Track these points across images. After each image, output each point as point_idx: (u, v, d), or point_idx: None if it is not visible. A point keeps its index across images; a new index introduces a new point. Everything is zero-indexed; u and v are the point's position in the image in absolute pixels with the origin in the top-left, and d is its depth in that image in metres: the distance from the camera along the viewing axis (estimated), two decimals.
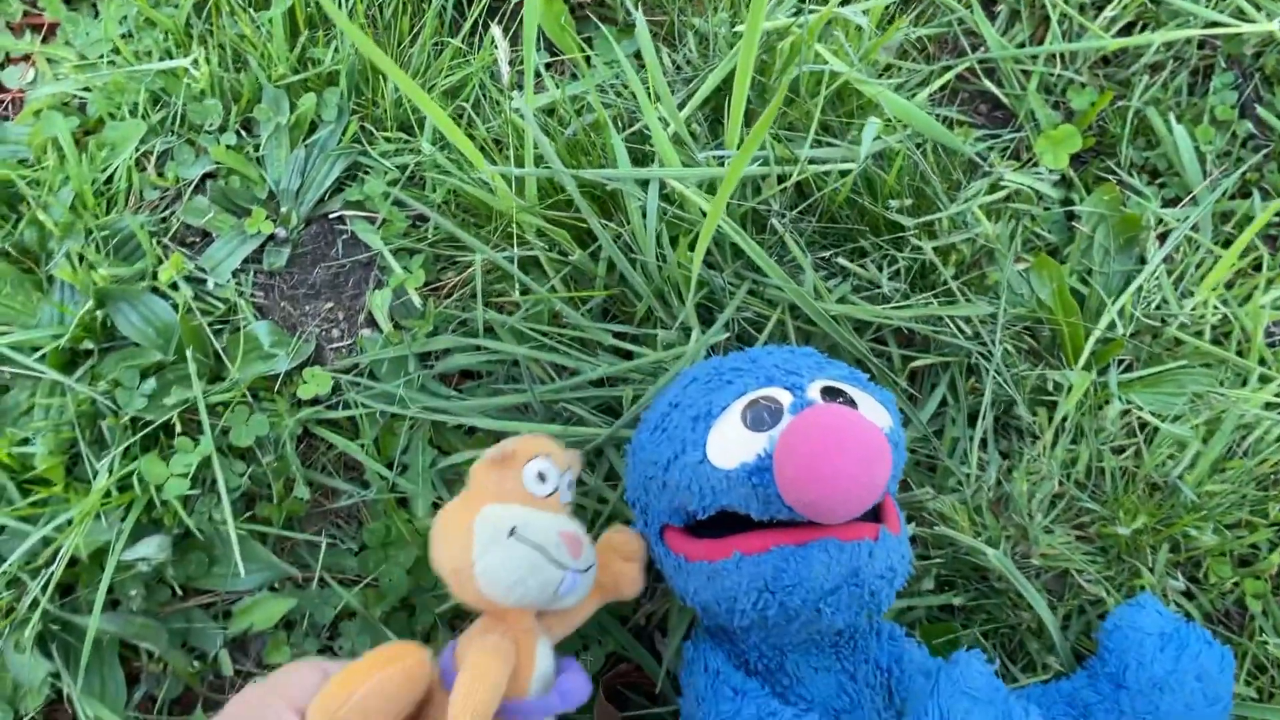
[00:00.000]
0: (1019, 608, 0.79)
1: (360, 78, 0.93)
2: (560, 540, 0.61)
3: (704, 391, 0.65)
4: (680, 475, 0.63)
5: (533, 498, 0.63)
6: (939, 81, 0.95)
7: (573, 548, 0.61)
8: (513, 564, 0.59)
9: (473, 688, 0.54)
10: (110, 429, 0.79)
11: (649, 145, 0.87)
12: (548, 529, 0.61)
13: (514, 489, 0.63)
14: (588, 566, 0.63)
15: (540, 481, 0.64)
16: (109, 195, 0.89)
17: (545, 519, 0.62)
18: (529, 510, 0.62)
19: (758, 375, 0.64)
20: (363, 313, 0.88)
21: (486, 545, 0.59)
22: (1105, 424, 0.85)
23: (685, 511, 0.64)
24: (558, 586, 0.60)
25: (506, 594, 0.59)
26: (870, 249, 0.86)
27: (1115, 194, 0.93)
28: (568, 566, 0.60)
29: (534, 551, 0.59)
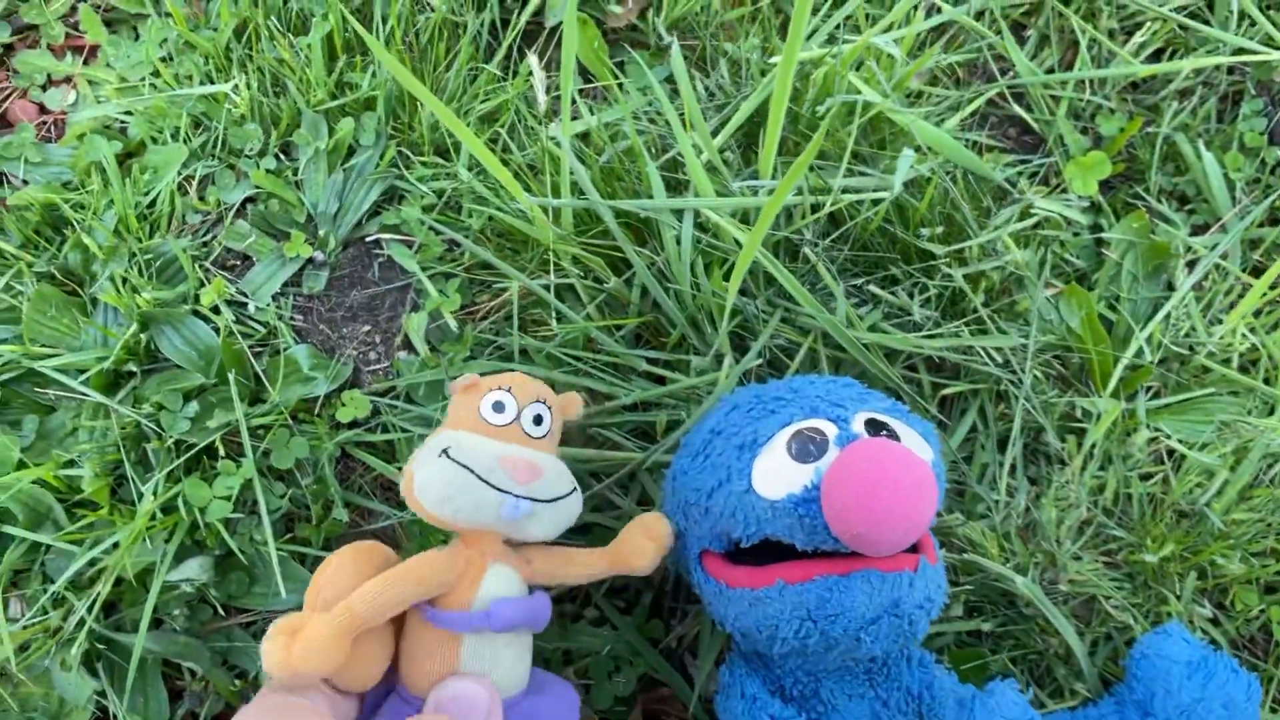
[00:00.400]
0: (1047, 634, 0.80)
1: (397, 103, 0.94)
2: (497, 464, 0.63)
3: (747, 420, 0.66)
4: (724, 503, 0.64)
5: (486, 425, 0.66)
6: (970, 107, 0.96)
7: (519, 473, 0.63)
8: (440, 481, 0.61)
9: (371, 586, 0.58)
10: (155, 452, 0.81)
11: (682, 172, 0.88)
12: (483, 451, 0.63)
13: (468, 416, 0.66)
14: (552, 497, 0.65)
15: (496, 411, 0.66)
16: (152, 219, 0.90)
17: (484, 443, 0.64)
18: (472, 435, 0.65)
19: (802, 406, 0.65)
20: (399, 336, 0.90)
21: (421, 463, 0.62)
22: (1133, 451, 0.85)
23: (727, 538, 0.65)
24: (498, 508, 0.62)
25: (440, 509, 0.62)
26: (901, 276, 0.87)
27: (1144, 221, 0.93)
28: (508, 490, 0.62)
29: (461, 470, 0.62)
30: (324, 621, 0.55)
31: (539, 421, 0.68)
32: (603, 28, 0.99)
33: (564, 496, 0.66)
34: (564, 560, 0.69)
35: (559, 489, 0.66)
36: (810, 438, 0.63)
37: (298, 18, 0.97)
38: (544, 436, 0.69)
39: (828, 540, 0.61)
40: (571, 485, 0.67)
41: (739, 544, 0.65)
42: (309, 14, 0.97)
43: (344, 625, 0.55)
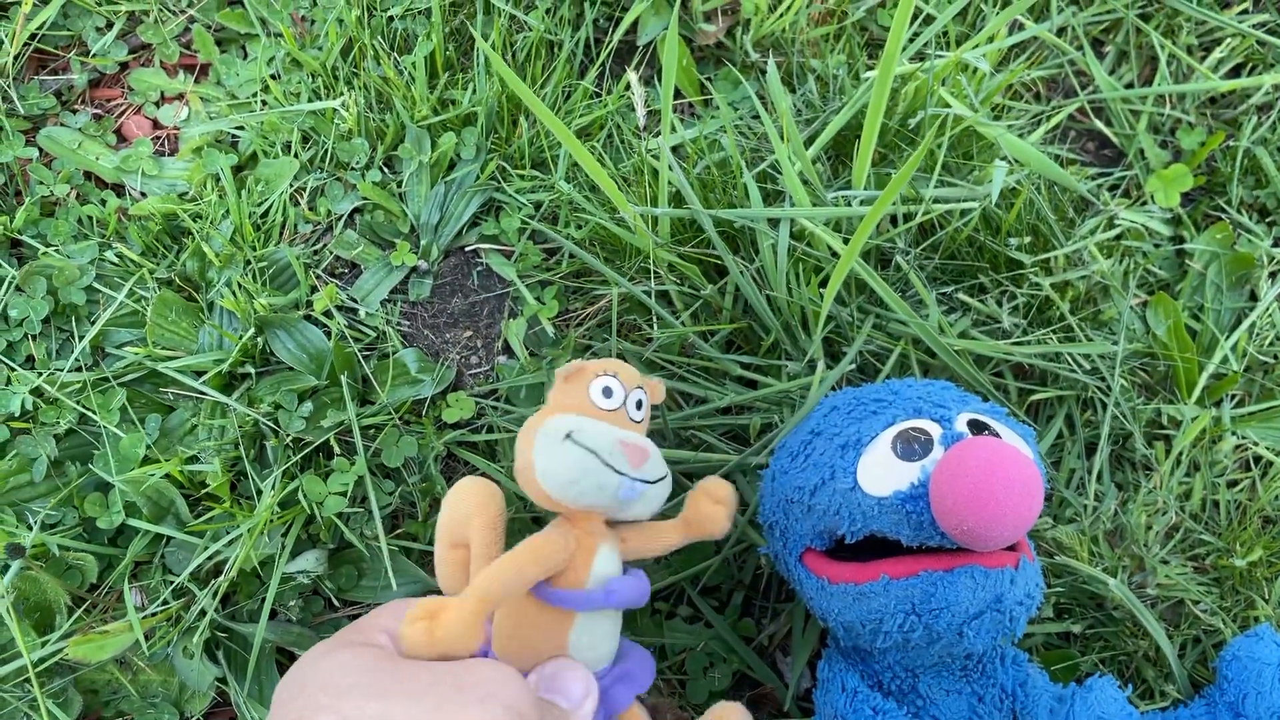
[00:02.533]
0: (1136, 636, 0.81)
1: (497, 118, 0.98)
2: (618, 447, 0.64)
3: (849, 421, 0.69)
4: (828, 500, 0.66)
5: (597, 409, 0.67)
6: (1051, 122, 0.98)
7: (633, 456, 0.64)
8: (568, 464, 0.63)
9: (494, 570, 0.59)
10: (273, 449, 0.85)
11: (772, 184, 0.91)
12: (605, 435, 0.64)
13: (579, 402, 0.67)
14: (657, 479, 0.66)
15: (605, 396, 0.67)
16: (265, 228, 0.95)
17: (604, 428, 0.65)
18: (589, 420, 0.65)
19: (904, 407, 0.68)
20: (499, 341, 0.93)
21: (544, 448, 0.64)
22: (1219, 458, 0.87)
23: (830, 535, 0.68)
24: (616, 490, 0.63)
25: (563, 492, 0.63)
26: (989, 285, 0.89)
27: (1228, 232, 0.95)
28: (625, 472, 0.64)
29: (588, 454, 0.63)
30: (461, 605, 0.57)
31: (640, 406, 0.70)
32: (691, 45, 1.03)
33: (664, 478, 0.68)
34: (651, 535, 0.70)
35: (661, 470, 0.68)
36: (915, 437, 0.65)
37: (401, 37, 1.02)
38: (641, 420, 0.70)
39: (934, 536, 0.63)
40: (666, 467, 0.69)
41: (842, 540, 0.67)
42: (412, 34, 1.01)
43: (479, 609, 0.57)
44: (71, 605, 0.83)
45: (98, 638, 0.81)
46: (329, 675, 0.52)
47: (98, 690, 0.83)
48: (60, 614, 0.82)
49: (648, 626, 0.84)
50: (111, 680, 0.83)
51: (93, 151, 1.00)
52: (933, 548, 0.64)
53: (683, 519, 0.72)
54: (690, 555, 0.84)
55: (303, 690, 0.52)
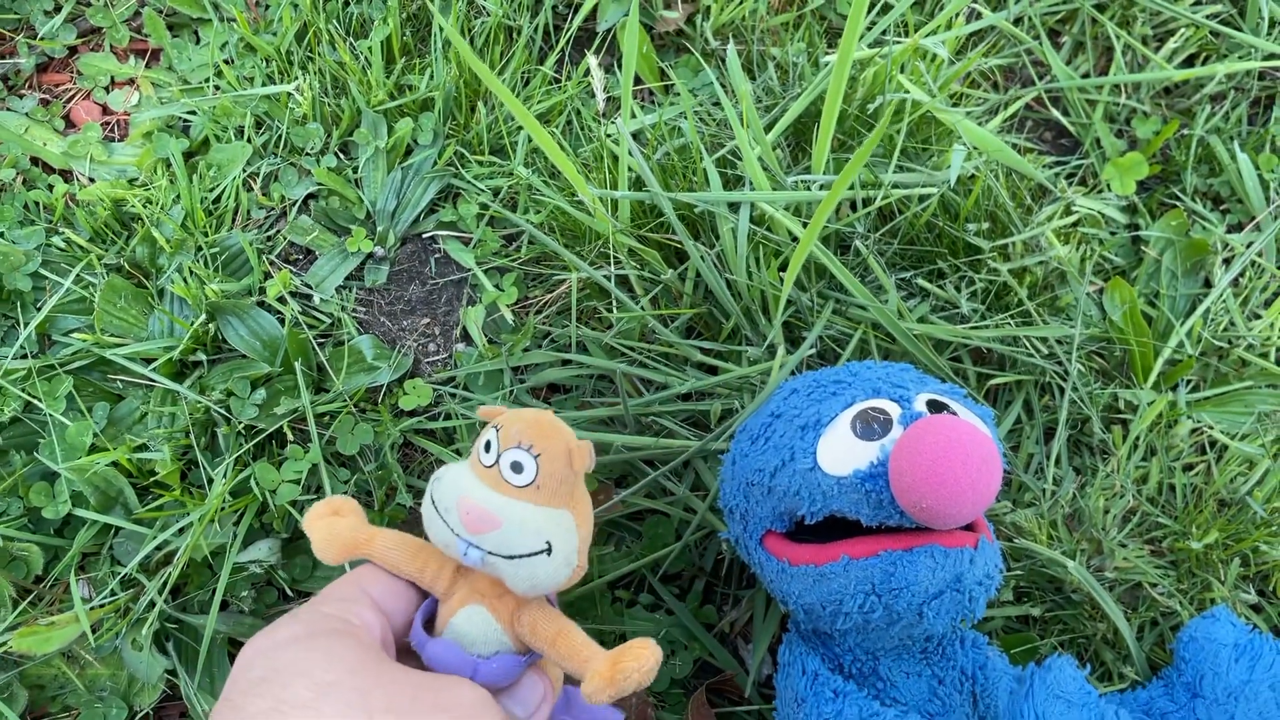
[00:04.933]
0: (1095, 619, 0.81)
1: (454, 103, 0.97)
2: (455, 505, 0.58)
3: (808, 403, 0.68)
4: (789, 481, 0.66)
5: (478, 463, 0.60)
6: (1009, 110, 0.99)
7: (469, 519, 0.57)
8: (425, 511, 0.59)
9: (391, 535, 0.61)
10: (225, 436, 0.83)
11: (732, 170, 0.90)
12: (451, 489, 0.59)
13: (473, 452, 0.62)
14: (509, 554, 0.57)
15: (485, 451, 0.60)
16: (217, 214, 0.93)
17: (459, 481, 0.59)
18: (457, 470, 0.60)
19: (863, 387, 0.67)
20: (457, 328, 0.92)
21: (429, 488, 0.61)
22: (1175, 442, 0.87)
23: (790, 517, 0.67)
24: (456, 549, 0.58)
25: (428, 529, 0.59)
26: (948, 270, 0.89)
27: (1183, 219, 0.96)
28: (457, 533, 0.58)
29: (429, 504, 0.59)
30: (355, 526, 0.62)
31: (518, 469, 0.59)
32: (651, 32, 1.02)
33: (525, 555, 0.58)
34: (554, 634, 0.59)
35: (519, 547, 0.57)
36: (874, 417, 0.65)
37: (357, 22, 1.00)
38: (527, 486, 0.59)
39: (893, 515, 0.62)
40: (542, 545, 0.58)
41: (802, 522, 0.67)
42: (368, 18, 1.00)
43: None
44: (16, 598, 0.81)
45: (43, 630, 0.79)
46: (311, 666, 0.48)
47: (44, 684, 0.81)
48: (4, 607, 0.80)
49: (609, 615, 0.83)
50: (58, 674, 0.81)
51: (40, 136, 0.98)
52: (892, 527, 0.64)
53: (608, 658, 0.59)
54: (651, 543, 0.83)
55: (277, 676, 0.47)
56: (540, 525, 0.58)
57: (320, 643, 0.50)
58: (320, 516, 0.62)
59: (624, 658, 0.58)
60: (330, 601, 0.55)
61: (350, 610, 0.54)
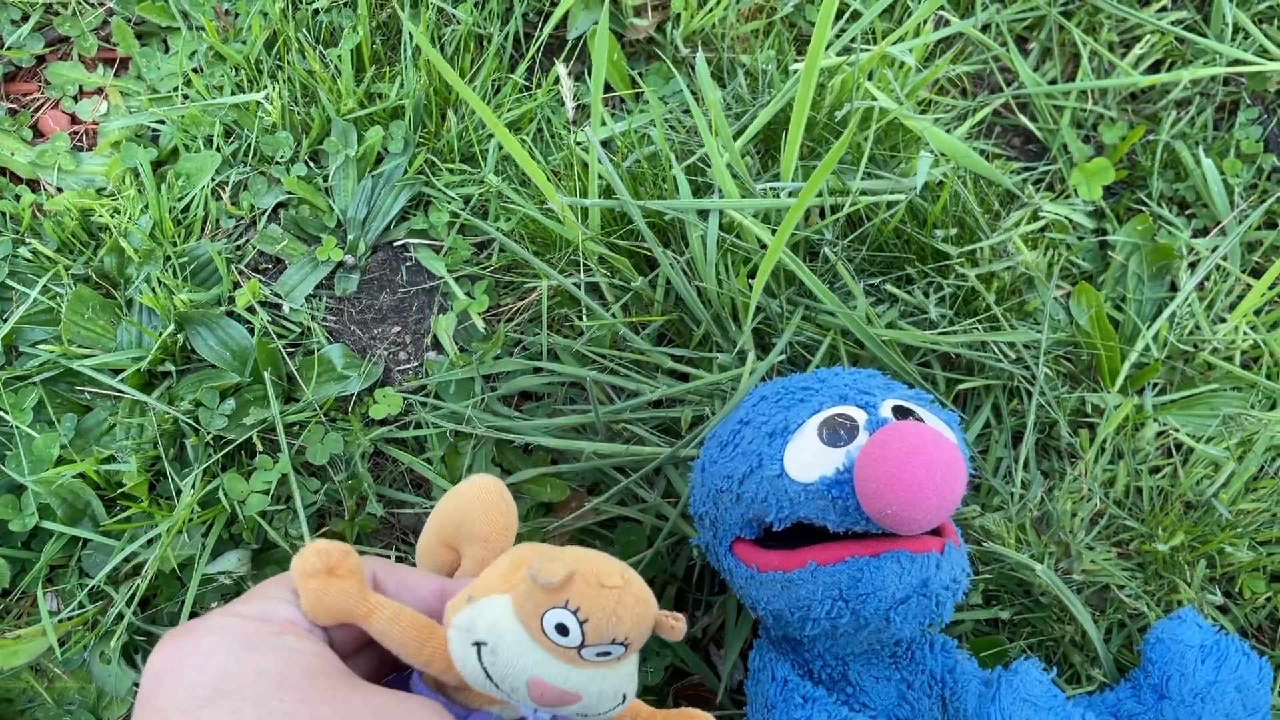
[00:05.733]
0: (1063, 621, 0.82)
1: (425, 111, 0.97)
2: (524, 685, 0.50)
3: (777, 409, 0.69)
4: (757, 488, 0.66)
5: (543, 636, 0.50)
6: (977, 117, 0.99)
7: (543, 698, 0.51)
8: (468, 671, 0.51)
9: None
10: (194, 447, 0.82)
11: (701, 177, 0.91)
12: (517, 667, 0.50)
13: (529, 610, 0.51)
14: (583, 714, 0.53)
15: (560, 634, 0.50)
16: (186, 223, 0.93)
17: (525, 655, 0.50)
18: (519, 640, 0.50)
19: (830, 394, 0.68)
20: (428, 336, 0.92)
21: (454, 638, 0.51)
22: (1142, 445, 0.88)
23: (759, 523, 0.68)
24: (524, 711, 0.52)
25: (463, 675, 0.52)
26: (916, 276, 0.90)
27: (1149, 224, 0.97)
28: (522, 702, 0.51)
29: (485, 679, 0.51)
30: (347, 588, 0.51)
31: (604, 655, 0.52)
32: (621, 40, 1.03)
33: (604, 713, 0.53)
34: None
35: (599, 707, 0.53)
36: (840, 423, 0.65)
37: (327, 30, 1.00)
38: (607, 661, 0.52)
39: (860, 521, 0.63)
40: (618, 699, 0.53)
41: (770, 528, 0.67)
42: (338, 27, 1.00)
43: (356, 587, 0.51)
44: None
45: (10, 644, 0.78)
46: (258, 683, 0.44)
47: (12, 698, 0.80)
48: None
49: None
50: (26, 687, 0.80)
51: (7, 146, 0.97)
52: (859, 534, 0.64)
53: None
54: (623, 550, 0.83)
55: (223, 696, 0.43)
56: (619, 684, 0.53)
57: (274, 657, 0.45)
58: (312, 575, 0.50)
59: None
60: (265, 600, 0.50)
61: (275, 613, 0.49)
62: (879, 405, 0.67)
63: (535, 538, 0.85)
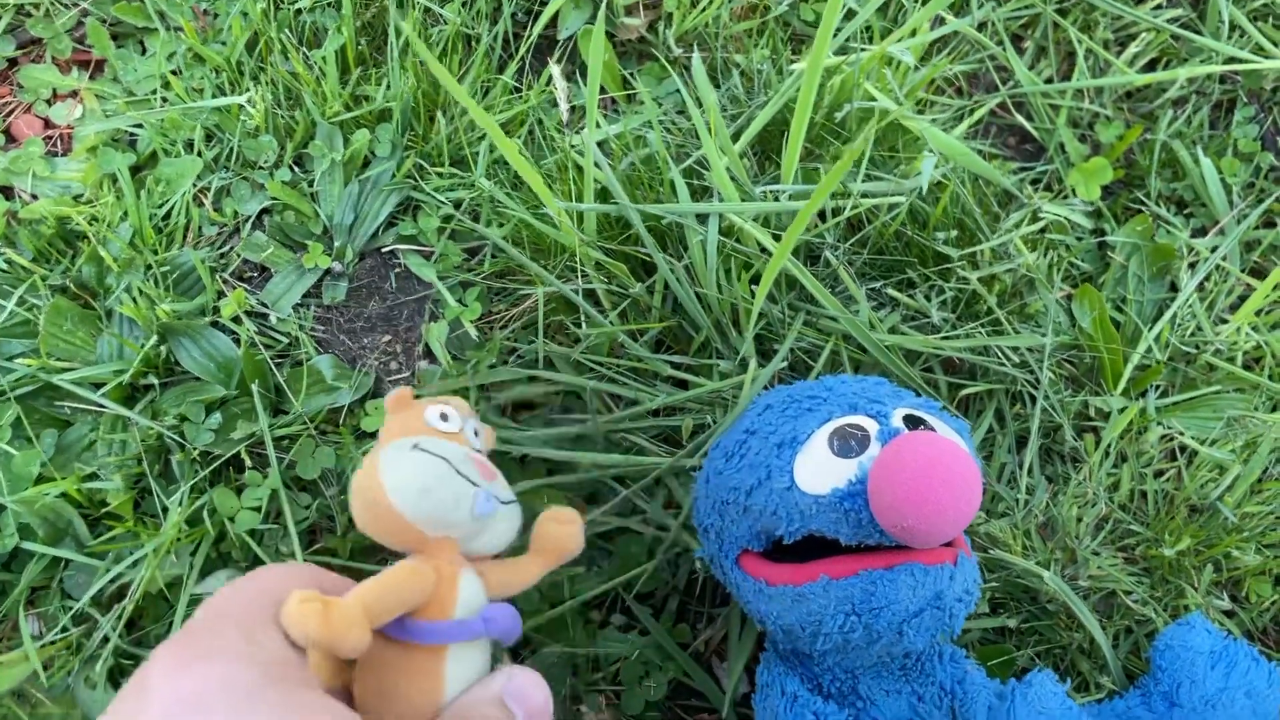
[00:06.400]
0: (1070, 629, 0.81)
1: (412, 114, 0.94)
2: (467, 458, 0.61)
3: (784, 419, 0.67)
4: (765, 500, 0.64)
5: (438, 431, 0.63)
6: (974, 116, 0.98)
7: (483, 470, 0.62)
8: (418, 470, 0.57)
9: (369, 584, 0.53)
10: (180, 464, 0.80)
11: (698, 180, 0.89)
12: (452, 448, 0.60)
13: (416, 425, 0.63)
14: (508, 500, 0.63)
15: (443, 420, 0.64)
16: (167, 231, 0.90)
17: (450, 443, 0.61)
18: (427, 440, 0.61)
19: (840, 403, 0.66)
20: (419, 345, 0.90)
21: (392, 462, 0.58)
22: (1146, 448, 0.87)
23: (768, 536, 0.66)
24: (473, 502, 0.59)
25: (419, 505, 0.57)
26: (918, 280, 0.88)
27: (1148, 224, 0.96)
28: (479, 484, 0.60)
29: (438, 460, 0.58)
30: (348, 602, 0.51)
31: (477, 434, 0.67)
32: (613, 40, 1.01)
33: (511, 501, 0.64)
34: (510, 570, 0.65)
35: (511, 494, 0.65)
36: (851, 433, 0.63)
37: (311, 31, 0.97)
38: (481, 450, 0.66)
39: (873, 534, 0.61)
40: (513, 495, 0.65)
41: (780, 541, 0.66)
42: (321, 28, 0.97)
43: (366, 612, 0.51)
44: None
45: None
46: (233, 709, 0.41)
47: None
48: None
49: (580, 637, 0.81)
50: (8, 714, 0.77)
51: None
52: (871, 546, 0.62)
53: (536, 547, 0.67)
54: (624, 562, 0.82)
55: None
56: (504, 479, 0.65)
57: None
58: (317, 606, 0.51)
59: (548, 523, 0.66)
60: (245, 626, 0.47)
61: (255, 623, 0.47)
62: (890, 414, 0.65)
63: None
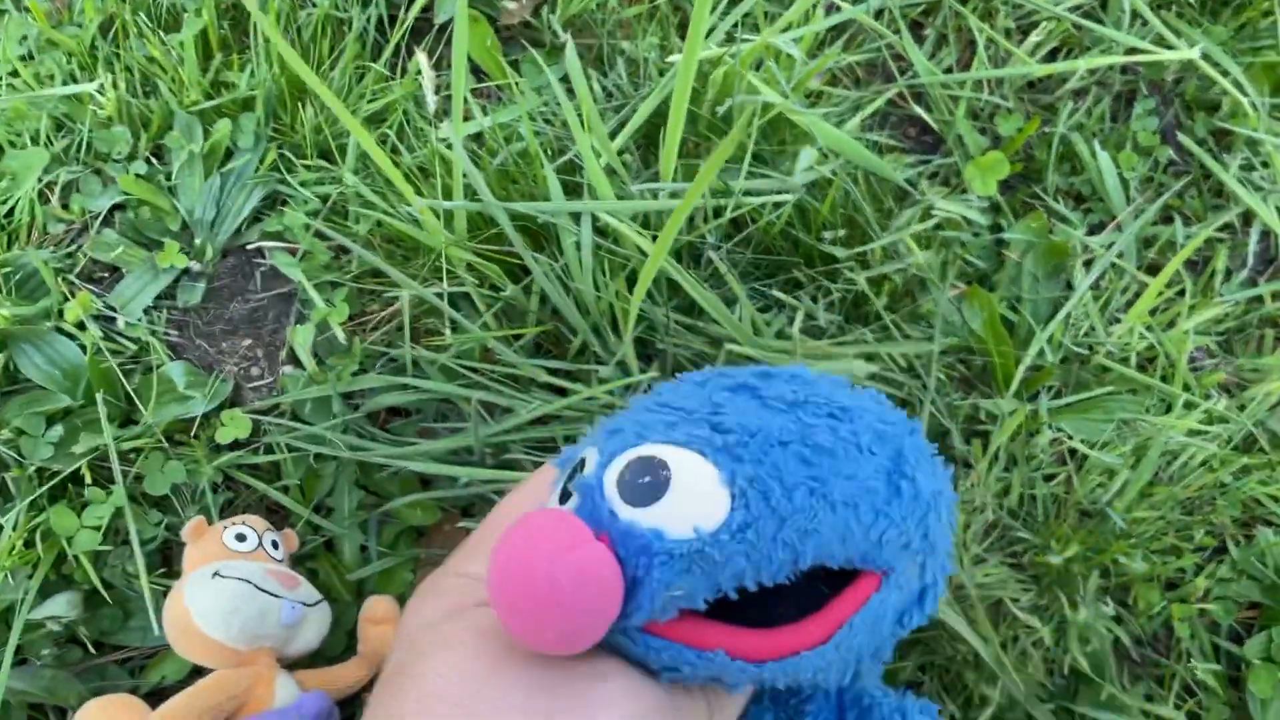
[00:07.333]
0: (956, 640, 0.79)
1: (278, 103, 0.89)
2: (267, 575, 0.66)
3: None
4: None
5: (235, 554, 0.69)
6: (870, 108, 0.95)
7: (284, 581, 0.67)
8: (222, 596, 0.63)
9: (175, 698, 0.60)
10: (15, 480, 0.75)
11: (579, 175, 0.85)
12: (251, 567, 0.67)
13: (216, 550, 0.69)
14: (315, 601, 0.70)
15: (239, 541, 0.70)
16: (9, 230, 0.84)
17: (247, 563, 0.67)
18: (228, 565, 0.67)
19: (634, 426, 0.46)
20: (284, 349, 0.85)
21: (195, 591, 0.64)
22: (1036, 452, 0.85)
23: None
24: (279, 614, 0.65)
25: (227, 627, 0.62)
26: (804, 280, 0.85)
27: (1043, 221, 0.93)
28: (282, 595, 0.66)
29: (240, 582, 0.64)
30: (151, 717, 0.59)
31: (276, 546, 0.73)
32: (495, 25, 0.96)
33: (322, 601, 0.71)
34: (330, 677, 0.70)
35: (317, 595, 0.71)
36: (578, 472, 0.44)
37: (169, 14, 0.92)
38: (282, 561, 0.72)
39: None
40: (319, 595, 0.71)
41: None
42: (181, 9, 0.91)
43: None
44: None
45: None
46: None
47: None
48: None
49: None
50: None
51: None
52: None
53: (360, 652, 0.73)
54: None
55: None
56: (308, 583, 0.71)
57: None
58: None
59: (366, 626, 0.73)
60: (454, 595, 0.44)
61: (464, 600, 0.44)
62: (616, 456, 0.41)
63: (405, 570, 0.79)
